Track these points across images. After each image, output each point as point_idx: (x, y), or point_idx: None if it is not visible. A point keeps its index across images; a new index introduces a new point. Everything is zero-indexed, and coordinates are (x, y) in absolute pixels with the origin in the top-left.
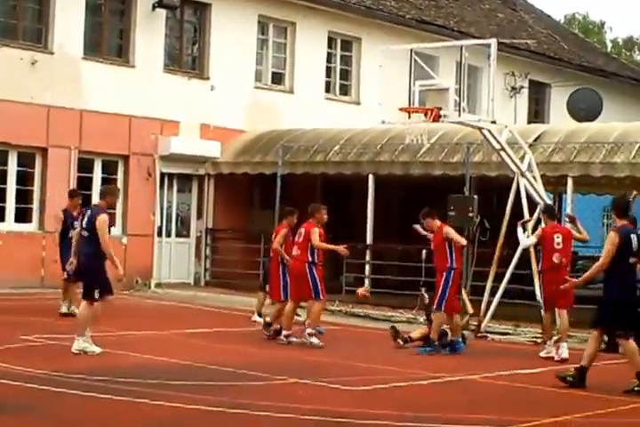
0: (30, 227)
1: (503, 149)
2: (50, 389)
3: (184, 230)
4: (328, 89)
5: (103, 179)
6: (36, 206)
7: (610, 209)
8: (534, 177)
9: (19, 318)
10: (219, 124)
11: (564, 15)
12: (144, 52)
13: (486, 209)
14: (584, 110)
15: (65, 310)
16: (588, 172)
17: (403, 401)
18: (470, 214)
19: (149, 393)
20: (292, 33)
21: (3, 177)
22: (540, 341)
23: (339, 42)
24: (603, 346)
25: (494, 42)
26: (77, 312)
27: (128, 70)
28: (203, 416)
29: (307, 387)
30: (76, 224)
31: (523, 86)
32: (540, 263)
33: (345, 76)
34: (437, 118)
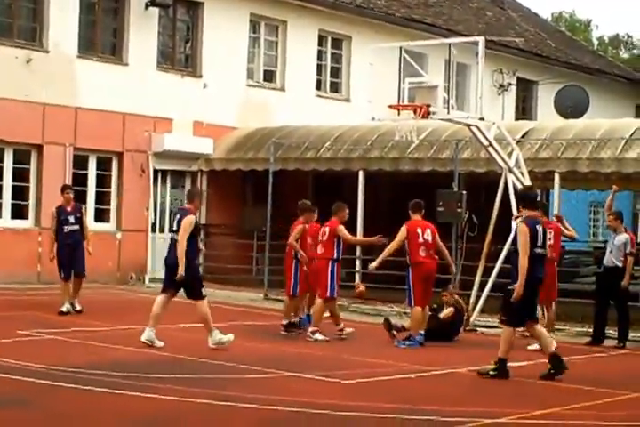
0: (26, 223)
1: (491, 146)
2: (46, 382)
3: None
4: (319, 86)
5: (98, 175)
6: (31, 203)
7: (594, 204)
8: (522, 173)
9: (15, 313)
10: (211, 122)
11: (551, 13)
12: (138, 50)
13: (475, 205)
14: (571, 107)
15: (65, 309)
16: (574, 167)
17: (391, 394)
18: (459, 210)
19: (144, 386)
20: (284, 31)
21: None
22: (528, 334)
23: (329, 40)
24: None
25: (482, 40)
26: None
27: (122, 68)
28: (196, 409)
29: (297, 380)
30: (71, 219)
31: (510, 84)
32: None
33: (335, 73)
34: (426, 115)
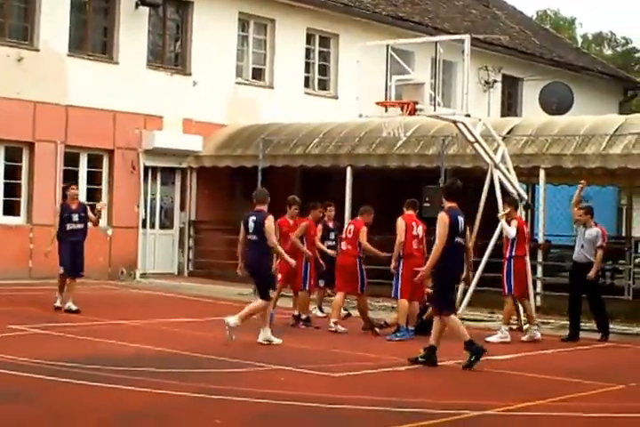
0: (18, 220)
1: (477, 142)
2: (38, 377)
3: (168, 222)
4: (307, 84)
5: (89, 172)
6: (23, 200)
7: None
8: (508, 169)
9: (7, 308)
10: (201, 119)
11: (535, 11)
12: (128, 49)
13: (461, 200)
14: (556, 104)
15: (59, 304)
16: (559, 163)
17: (379, 387)
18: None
19: (136, 380)
20: (272, 30)
21: None
22: (516, 327)
23: (317, 38)
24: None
25: (468, 37)
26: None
27: (112, 67)
28: (188, 402)
29: (287, 373)
30: (75, 217)
31: (496, 81)
32: (514, 251)
33: (323, 71)
34: (413, 112)
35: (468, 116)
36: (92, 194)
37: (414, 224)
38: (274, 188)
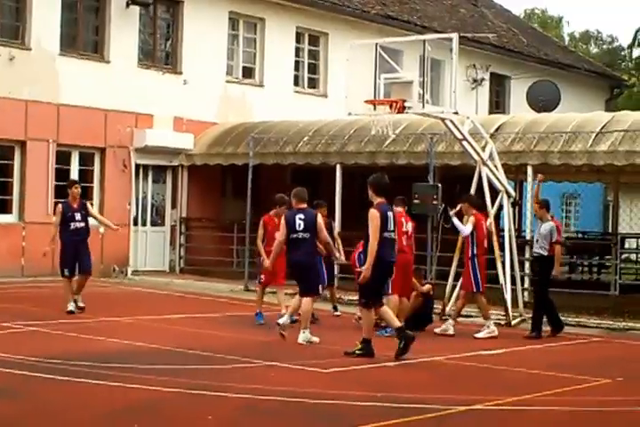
0: (10, 218)
1: (465, 139)
2: (28, 374)
3: (159, 220)
4: (297, 82)
5: (80, 171)
6: (15, 198)
7: (566, 195)
8: (496, 166)
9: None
10: (192, 117)
11: (523, 10)
12: (119, 47)
13: (450, 197)
14: (543, 101)
15: (72, 308)
16: (547, 160)
17: (369, 382)
18: (434, 202)
19: (127, 377)
20: (262, 29)
21: None
22: (504, 322)
23: (306, 37)
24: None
25: (456, 36)
26: (301, 309)
27: (103, 66)
28: (178, 398)
29: (277, 369)
30: (77, 216)
31: (484, 79)
32: (474, 248)
33: (313, 69)
34: (402, 110)
35: (456, 113)
36: (84, 192)
37: (404, 220)
38: (265, 185)
